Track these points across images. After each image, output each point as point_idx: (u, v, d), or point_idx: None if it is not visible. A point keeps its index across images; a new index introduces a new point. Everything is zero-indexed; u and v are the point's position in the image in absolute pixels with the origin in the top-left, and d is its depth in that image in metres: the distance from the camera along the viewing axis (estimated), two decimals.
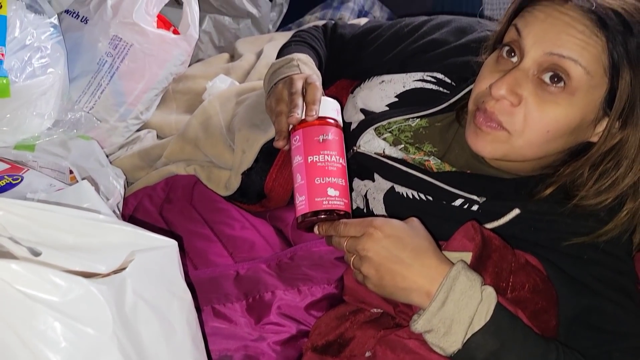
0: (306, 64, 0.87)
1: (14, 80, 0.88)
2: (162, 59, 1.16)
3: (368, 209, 0.90)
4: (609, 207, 0.72)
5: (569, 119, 0.68)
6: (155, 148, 1.09)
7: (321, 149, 0.73)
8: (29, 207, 0.51)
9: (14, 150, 0.91)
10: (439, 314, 0.62)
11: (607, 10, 0.64)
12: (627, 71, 0.65)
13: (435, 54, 0.89)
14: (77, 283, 0.42)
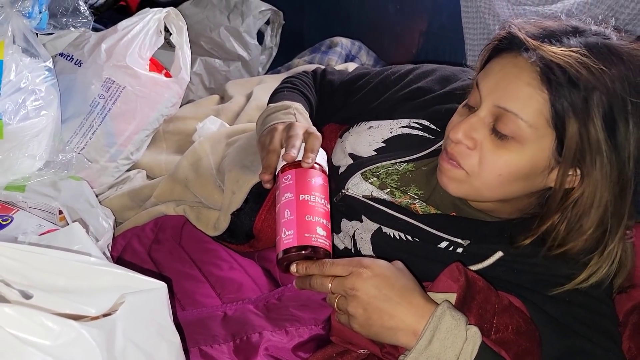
0: (302, 114, 0.90)
1: (7, 122, 0.90)
2: (154, 101, 1.18)
3: (356, 249, 0.91)
4: (589, 252, 0.74)
5: (520, 164, 0.72)
6: (144, 188, 1.11)
7: (313, 190, 0.75)
8: (20, 250, 0.52)
9: (5, 191, 0.91)
10: (426, 352, 0.63)
11: (552, 65, 0.68)
12: (573, 123, 0.68)
13: (420, 101, 0.93)
14: (69, 326, 0.43)
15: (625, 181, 0.70)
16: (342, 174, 0.93)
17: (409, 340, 0.65)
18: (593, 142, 0.68)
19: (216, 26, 1.59)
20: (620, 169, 0.69)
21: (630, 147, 0.69)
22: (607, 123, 0.68)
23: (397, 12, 1.80)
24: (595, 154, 0.68)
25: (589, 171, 0.70)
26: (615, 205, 0.71)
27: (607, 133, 0.68)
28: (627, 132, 0.68)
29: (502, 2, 1.33)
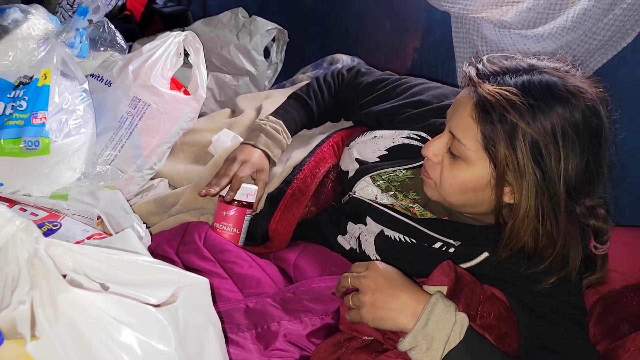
0: (268, 135, 1.16)
1: (53, 139, 1.02)
2: (175, 117, 1.31)
3: (360, 249, 1.04)
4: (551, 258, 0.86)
5: (465, 179, 0.87)
6: (170, 196, 1.23)
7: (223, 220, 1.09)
8: (96, 251, 0.64)
9: (51, 199, 1.03)
10: (423, 332, 0.76)
11: (484, 100, 0.81)
12: (501, 149, 0.81)
13: (420, 111, 1.07)
14: (148, 310, 0.55)
15: (557, 198, 0.82)
16: (350, 178, 1.07)
17: (408, 322, 0.78)
18: (520, 165, 0.80)
19: (226, 44, 1.71)
20: (549, 189, 0.81)
21: (561, 171, 0.80)
22: (533, 151, 0.80)
23: (392, 29, 1.92)
24: (522, 175, 0.81)
25: (518, 189, 0.82)
26: (552, 221, 0.83)
27: (533, 159, 0.80)
28: (558, 159, 0.80)
29: (489, 25, 1.46)
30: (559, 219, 0.83)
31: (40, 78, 0.99)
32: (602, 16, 1.22)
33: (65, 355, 0.51)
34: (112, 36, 1.15)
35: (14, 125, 0.99)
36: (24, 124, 0.99)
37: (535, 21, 1.37)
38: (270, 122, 1.19)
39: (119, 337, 0.53)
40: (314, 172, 1.13)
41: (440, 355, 0.75)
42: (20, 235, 0.54)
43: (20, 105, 0.99)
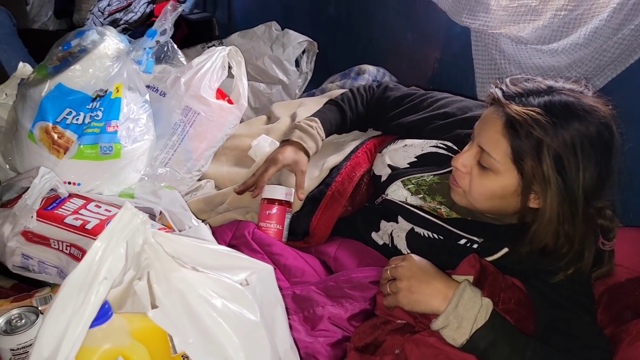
0: (306, 133, 1.29)
1: (124, 145, 1.16)
2: (221, 124, 1.44)
3: (393, 244, 1.17)
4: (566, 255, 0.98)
5: (493, 188, 0.98)
6: (217, 196, 1.37)
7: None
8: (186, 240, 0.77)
9: (119, 197, 1.17)
10: (454, 313, 0.88)
11: (511, 117, 0.92)
12: (528, 162, 0.92)
13: (446, 122, 1.19)
14: (237, 287, 0.69)
15: (575, 207, 0.93)
16: (383, 182, 1.20)
17: (440, 304, 0.90)
18: (545, 176, 0.92)
19: (261, 55, 1.85)
20: (570, 195, 0.92)
21: (580, 180, 0.91)
22: (556, 162, 0.91)
23: (414, 40, 2.04)
24: (547, 184, 0.92)
25: (543, 196, 0.94)
26: (569, 223, 0.95)
27: (556, 170, 0.91)
28: (577, 169, 0.91)
29: (507, 40, 1.58)
30: (577, 221, 0.94)
31: (113, 91, 1.13)
32: (612, 35, 1.34)
33: (177, 319, 0.65)
34: (174, 54, 1.29)
35: (91, 133, 1.12)
36: (99, 131, 1.13)
37: (550, 37, 1.49)
38: (305, 119, 1.32)
39: (218, 306, 0.66)
40: (350, 175, 1.26)
41: (469, 332, 0.88)
42: (140, 226, 0.67)
43: (97, 115, 1.12)
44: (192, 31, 2.98)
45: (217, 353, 0.65)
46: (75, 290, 0.63)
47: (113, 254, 0.65)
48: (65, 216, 1.07)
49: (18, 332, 0.86)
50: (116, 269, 0.66)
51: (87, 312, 0.62)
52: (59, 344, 0.61)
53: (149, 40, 1.16)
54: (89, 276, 0.64)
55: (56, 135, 1.11)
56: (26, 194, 1.04)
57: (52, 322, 0.62)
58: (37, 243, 1.07)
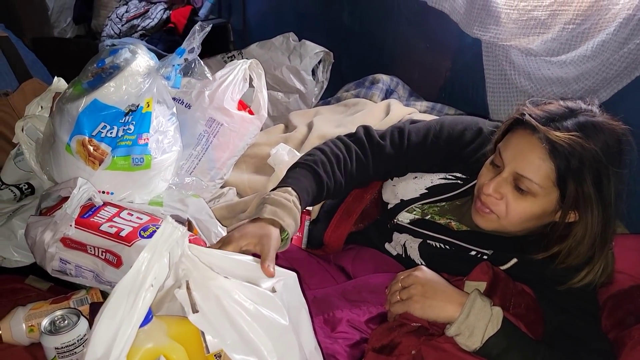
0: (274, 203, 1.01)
1: (154, 156, 1.23)
2: (242, 134, 1.51)
3: (406, 254, 1.23)
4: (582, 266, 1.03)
5: (533, 210, 1.02)
6: (239, 204, 1.44)
7: None
8: (217, 252, 0.84)
9: (150, 205, 1.25)
10: (465, 322, 0.94)
11: (557, 145, 0.96)
12: (571, 183, 0.97)
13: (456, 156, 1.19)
14: (267, 294, 0.76)
15: (608, 219, 1.00)
16: (391, 209, 1.25)
17: (454, 311, 0.95)
18: (586, 195, 0.97)
19: (279, 65, 1.92)
20: (604, 211, 0.99)
21: (611, 195, 0.98)
22: (595, 181, 0.97)
23: (426, 50, 2.09)
24: (587, 202, 0.98)
25: (584, 214, 0.99)
26: (601, 235, 1.01)
27: (595, 188, 0.97)
28: (609, 185, 0.97)
29: (517, 52, 1.64)
30: (609, 232, 1.00)
31: (144, 106, 1.20)
32: (618, 48, 1.39)
33: (216, 322, 0.72)
34: (200, 70, 1.36)
35: (124, 145, 1.20)
36: (132, 144, 1.20)
37: (558, 50, 1.54)
38: (278, 190, 1.07)
39: (252, 311, 0.73)
40: (360, 197, 1.31)
41: (480, 341, 0.93)
42: (179, 239, 0.74)
43: (129, 129, 1.20)
44: (207, 37, 3.06)
45: (252, 353, 0.72)
46: (124, 295, 0.70)
47: (158, 263, 0.73)
48: (100, 224, 1.14)
49: (62, 332, 0.94)
50: (161, 277, 0.73)
51: (135, 315, 0.69)
52: (110, 345, 0.68)
53: (178, 57, 1.23)
54: (137, 283, 0.71)
55: (92, 147, 1.18)
56: (66, 203, 1.11)
57: (104, 325, 0.70)
58: (74, 249, 1.14)
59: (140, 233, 1.14)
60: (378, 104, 1.79)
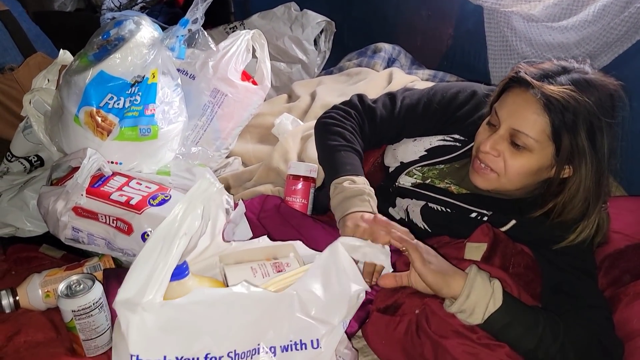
0: (373, 199, 1.12)
1: (160, 127, 1.25)
2: (246, 104, 1.53)
3: (409, 219, 1.26)
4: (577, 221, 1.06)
5: (530, 165, 1.03)
6: (244, 173, 1.47)
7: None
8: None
9: (157, 175, 1.27)
10: (466, 303, 0.95)
11: (550, 97, 0.98)
12: (566, 136, 0.99)
13: (453, 119, 1.21)
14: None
15: (602, 173, 1.02)
16: (392, 172, 1.28)
17: (457, 284, 0.96)
18: (580, 148, 0.99)
19: (281, 35, 1.92)
20: (598, 164, 1.01)
21: (605, 149, 1.00)
22: (589, 134, 0.99)
23: (428, 18, 2.09)
24: (581, 156, 1.00)
25: (578, 167, 1.01)
26: (595, 189, 1.03)
27: (589, 141, 0.99)
28: (602, 139, 1.00)
29: (518, 18, 1.64)
30: (602, 188, 1.03)
31: (149, 77, 1.22)
32: (619, 12, 1.39)
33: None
34: (204, 41, 1.37)
35: (131, 116, 1.22)
36: (138, 114, 1.22)
37: (559, 15, 1.54)
38: (364, 184, 1.14)
39: None
40: (364, 160, 1.32)
41: (481, 318, 0.95)
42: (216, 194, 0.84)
43: (135, 100, 1.22)
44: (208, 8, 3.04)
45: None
46: (159, 241, 0.77)
47: (192, 214, 0.79)
48: (111, 193, 1.17)
49: (78, 295, 0.97)
50: (194, 227, 0.80)
51: (170, 259, 0.77)
52: (145, 284, 0.76)
53: (182, 28, 1.24)
54: (172, 231, 0.78)
55: (100, 118, 1.21)
56: (76, 173, 1.14)
57: (139, 267, 0.77)
58: (86, 217, 1.17)
59: (150, 201, 1.17)
60: (380, 72, 1.81)
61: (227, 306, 0.79)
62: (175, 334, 0.77)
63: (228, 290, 0.80)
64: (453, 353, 0.95)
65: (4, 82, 1.56)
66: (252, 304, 0.80)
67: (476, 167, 1.10)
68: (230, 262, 1.00)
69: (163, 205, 1.18)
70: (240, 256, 1.00)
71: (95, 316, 0.99)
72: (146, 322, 0.76)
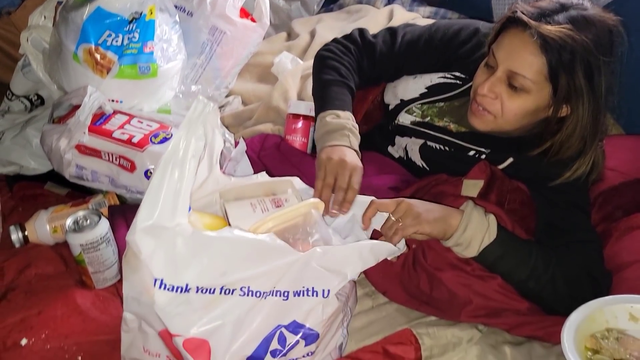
0: (354, 135, 1.12)
1: (160, 65, 1.24)
2: (245, 42, 1.51)
3: (407, 157, 1.27)
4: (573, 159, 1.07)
5: (527, 106, 1.04)
6: (244, 112, 1.47)
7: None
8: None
9: (158, 113, 1.28)
10: (462, 237, 0.98)
11: (547, 37, 0.97)
12: (563, 76, 0.99)
13: (454, 55, 1.20)
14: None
15: (599, 111, 1.03)
16: (392, 110, 1.28)
17: (456, 221, 0.98)
18: (577, 87, 0.99)
19: None
20: (595, 102, 1.01)
21: (602, 87, 1.00)
22: (586, 73, 0.99)
23: None
24: (579, 95, 1.00)
25: (575, 106, 1.02)
26: (592, 127, 1.04)
27: (587, 80, 0.99)
28: (600, 77, 0.99)
29: None
30: (599, 126, 1.04)
31: (147, 13, 1.20)
32: None
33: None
34: None
35: (130, 54, 1.21)
36: (137, 52, 1.21)
37: None
38: (347, 119, 1.15)
39: None
40: (363, 98, 1.34)
41: (477, 251, 0.98)
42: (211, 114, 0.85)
43: (134, 37, 1.20)
44: None
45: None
46: (169, 168, 0.79)
47: (195, 136, 0.82)
48: (113, 131, 1.18)
49: (85, 230, 1.00)
50: (199, 148, 0.83)
51: (184, 183, 0.80)
52: (173, 209, 0.79)
53: None
54: (180, 155, 0.80)
55: (99, 56, 1.20)
56: (78, 111, 1.15)
57: (153, 194, 0.79)
58: (89, 155, 1.19)
59: (151, 139, 1.18)
60: (381, 9, 1.78)
61: (252, 250, 0.82)
62: (199, 264, 0.80)
63: (256, 237, 0.83)
64: (448, 284, 0.99)
65: (2, 27, 1.53)
66: (275, 254, 0.82)
67: (474, 109, 1.10)
68: (230, 198, 1.02)
69: (165, 143, 1.19)
70: (240, 193, 1.02)
71: (102, 250, 1.02)
72: (177, 246, 0.79)
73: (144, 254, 0.78)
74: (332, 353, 0.93)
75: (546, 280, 0.99)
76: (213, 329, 0.79)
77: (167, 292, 0.78)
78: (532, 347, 0.96)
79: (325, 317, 0.85)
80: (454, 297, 0.99)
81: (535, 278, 0.99)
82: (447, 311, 1.00)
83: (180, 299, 0.78)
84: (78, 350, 0.93)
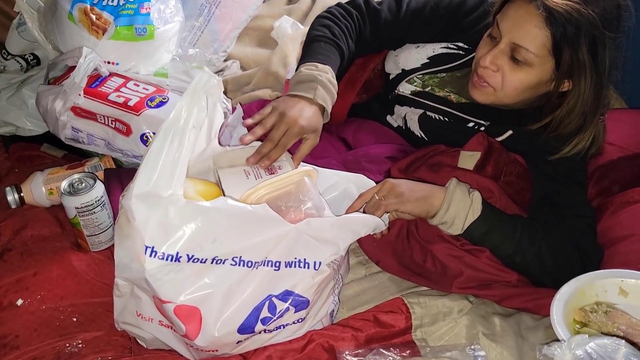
0: (325, 87, 1.06)
1: (157, 26, 1.22)
2: (244, 5, 1.49)
3: (406, 127, 1.26)
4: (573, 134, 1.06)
5: (529, 80, 1.02)
6: (243, 76, 1.45)
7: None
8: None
9: (155, 76, 1.26)
10: (446, 215, 0.98)
11: (552, 10, 0.95)
12: (566, 50, 0.97)
13: (458, 26, 1.18)
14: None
15: (601, 86, 1.01)
16: (392, 80, 1.26)
17: (439, 200, 0.98)
18: (581, 62, 0.97)
19: None
20: (598, 78, 1.00)
21: (606, 63, 0.98)
22: (590, 48, 0.97)
23: None
24: (582, 70, 0.98)
25: (577, 81, 1.00)
26: (593, 103, 1.03)
27: (590, 55, 0.97)
28: (604, 53, 0.98)
29: None
30: (601, 101, 1.02)
31: None
32: None
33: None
34: None
35: (126, 15, 1.19)
36: (134, 13, 1.19)
37: None
38: (324, 72, 1.08)
39: None
40: (363, 66, 1.31)
41: (461, 228, 0.98)
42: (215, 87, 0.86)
43: None
44: None
45: None
46: (169, 136, 0.80)
47: (197, 106, 0.82)
48: (108, 93, 1.17)
49: (81, 193, 1.00)
50: (201, 119, 0.84)
51: (183, 152, 0.80)
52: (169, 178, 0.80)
53: None
54: (180, 124, 0.81)
55: (94, 16, 1.18)
56: (73, 72, 1.13)
57: (152, 161, 0.80)
58: (85, 117, 1.18)
59: (147, 103, 1.17)
60: None
61: (245, 221, 0.82)
62: (191, 233, 0.80)
63: (250, 207, 0.83)
64: (439, 256, 1.00)
65: None
66: (268, 225, 0.83)
67: (475, 81, 1.09)
68: (223, 165, 1.02)
69: (161, 107, 1.18)
70: (234, 159, 1.02)
71: (97, 213, 1.02)
72: (169, 215, 0.79)
73: (137, 221, 0.78)
74: (323, 320, 0.94)
75: (533, 254, 0.99)
76: (203, 297, 0.80)
77: (158, 260, 0.78)
78: (521, 319, 0.97)
79: (315, 285, 0.86)
80: (445, 268, 1.00)
81: (521, 252, 0.99)
82: (439, 283, 1.01)
83: (170, 267, 0.79)
84: (73, 312, 0.94)
